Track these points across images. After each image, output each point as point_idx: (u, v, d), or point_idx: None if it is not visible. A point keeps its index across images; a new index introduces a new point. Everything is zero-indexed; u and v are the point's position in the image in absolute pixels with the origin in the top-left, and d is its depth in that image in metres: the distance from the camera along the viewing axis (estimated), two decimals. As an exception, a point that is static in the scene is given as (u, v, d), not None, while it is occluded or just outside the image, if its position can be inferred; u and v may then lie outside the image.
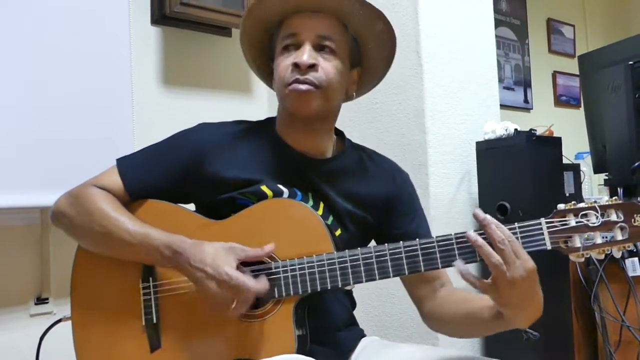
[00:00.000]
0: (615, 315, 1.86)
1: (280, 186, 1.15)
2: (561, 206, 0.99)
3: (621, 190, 1.82)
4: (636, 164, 1.80)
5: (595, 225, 0.97)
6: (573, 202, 0.99)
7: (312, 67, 1.09)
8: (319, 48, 1.12)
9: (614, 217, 0.97)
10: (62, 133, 1.74)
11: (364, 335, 1.30)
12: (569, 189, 2.07)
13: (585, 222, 0.97)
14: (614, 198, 1.00)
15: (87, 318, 1.13)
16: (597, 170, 2.14)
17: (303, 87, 1.09)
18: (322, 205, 1.18)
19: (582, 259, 0.99)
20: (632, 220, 0.97)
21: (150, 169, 1.16)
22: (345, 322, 1.25)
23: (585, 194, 2.43)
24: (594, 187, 2.67)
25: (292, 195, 1.15)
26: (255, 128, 1.23)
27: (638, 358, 1.81)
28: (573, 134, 2.58)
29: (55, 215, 1.16)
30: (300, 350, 1.04)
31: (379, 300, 2.09)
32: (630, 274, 1.79)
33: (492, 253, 0.94)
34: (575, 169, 2.10)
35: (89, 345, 1.13)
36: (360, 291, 1.35)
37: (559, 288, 1.92)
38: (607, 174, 1.98)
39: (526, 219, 1.01)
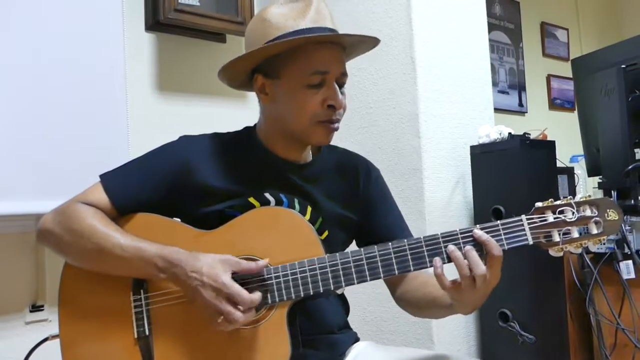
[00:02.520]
0: (610, 318, 1.86)
1: (267, 195, 1.17)
2: (539, 204, 1.05)
3: (615, 193, 1.82)
4: (630, 166, 1.81)
5: (572, 220, 1.03)
6: (550, 200, 1.05)
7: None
8: (340, 85, 1.16)
9: (588, 212, 1.04)
10: (56, 140, 1.73)
11: (357, 339, 1.30)
12: (563, 192, 2.07)
13: (563, 217, 1.04)
14: (588, 195, 1.07)
15: (76, 334, 1.11)
16: (591, 173, 2.15)
17: (335, 126, 1.16)
18: (309, 209, 1.19)
19: (561, 253, 1.05)
20: (606, 214, 1.04)
21: (136, 184, 1.15)
22: (339, 326, 1.25)
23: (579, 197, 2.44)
24: (588, 190, 2.68)
25: (279, 204, 1.17)
26: (237, 138, 1.23)
27: (633, 361, 1.81)
28: (567, 137, 2.59)
29: (42, 234, 1.14)
30: (293, 356, 1.04)
31: (374, 305, 2.09)
32: (625, 277, 1.79)
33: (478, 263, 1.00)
34: (569, 172, 2.11)
35: None
36: (355, 296, 1.36)
37: (555, 291, 1.93)
38: (601, 177, 1.98)
39: None
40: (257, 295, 1.01)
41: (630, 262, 1.79)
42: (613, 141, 1.89)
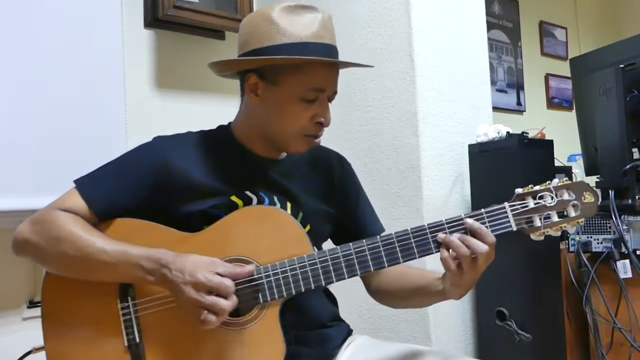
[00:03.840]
0: (607, 317, 1.87)
1: (248, 193, 1.17)
2: (519, 190, 1.09)
3: (613, 192, 1.83)
4: (627, 166, 1.82)
5: (552, 205, 1.07)
6: (530, 185, 1.09)
7: None
8: (329, 101, 1.17)
9: (566, 197, 1.07)
10: (54, 136, 1.73)
11: (350, 330, 1.30)
12: (561, 191, 2.07)
13: (543, 202, 1.07)
14: (564, 179, 1.11)
15: (63, 346, 1.08)
16: (588, 172, 2.15)
17: (319, 140, 1.19)
18: (289, 205, 1.20)
19: (542, 237, 1.07)
20: (582, 197, 1.07)
21: (114, 188, 1.13)
22: (330, 318, 1.25)
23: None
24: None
25: (260, 202, 1.17)
26: (213, 136, 1.23)
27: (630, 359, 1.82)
28: (566, 137, 2.59)
29: (19, 244, 1.11)
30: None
31: (372, 303, 2.08)
32: (622, 276, 1.80)
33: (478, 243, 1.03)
34: (567, 171, 2.11)
35: None
36: (352, 293, 1.36)
37: (552, 290, 1.93)
38: (598, 176, 1.99)
39: None
40: (244, 270, 1.03)
41: (627, 261, 1.80)
42: (611, 141, 1.89)
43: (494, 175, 1.92)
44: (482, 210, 1.07)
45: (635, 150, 1.87)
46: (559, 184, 1.08)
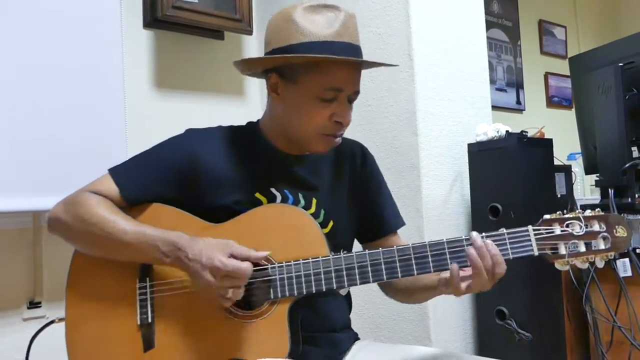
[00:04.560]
0: (607, 316, 1.87)
1: (273, 190, 1.18)
2: (547, 216, 1.05)
3: (612, 191, 1.83)
4: (627, 164, 1.82)
5: (580, 234, 1.04)
6: (559, 212, 1.06)
7: None
8: (350, 101, 1.17)
9: (597, 227, 1.04)
10: (54, 137, 1.73)
11: (357, 338, 1.31)
12: (560, 190, 2.08)
13: (570, 230, 1.03)
14: (597, 210, 1.07)
15: (81, 317, 1.13)
16: (588, 171, 2.15)
17: (338, 140, 1.19)
18: (314, 201, 1.21)
19: (567, 267, 1.04)
20: (614, 230, 1.03)
21: (145, 177, 1.17)
22: (342, 325, 1.26)
23: (577, 195, 2.45)
24: (586, 188, 2.69)
25: (284, 199, 1.18)
26: (242, 132, 1.25)
27: (630, 358, 1.82)
28: (565, 135, 2.60)
29: (52, 222, 1.16)
30: (293, 351, 1.05)
31: (372, 303, 2.09)
32: (622, 274, 1.80)
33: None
34: (566, 170, 2.11)
35: (81, 344, 1.13)
36: (353, 293, 1.36)
37: (552, 289, 1.93)
38: (598, 174, 1.99)
39: (518, 220, 1.07)
40: (260, 254, 1.05)
41: (627, 260, 1.80)
42: (610, 139, 1.89)
43: (494, 174, 1.92)
44: (504, 230, 1.05)
45: (634, 148, 1.87)
46: (590, 214, 1.05)
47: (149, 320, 1.10)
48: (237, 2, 2.25)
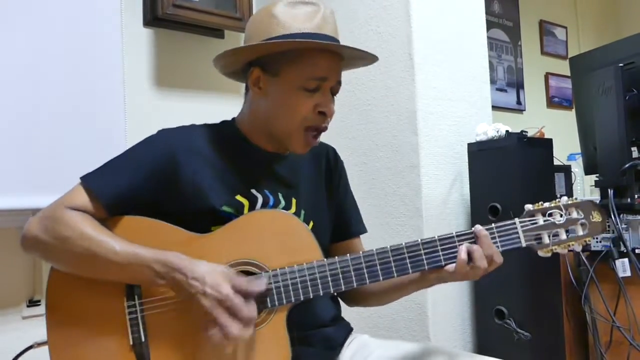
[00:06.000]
0: (605, 316, 1.87)
1: (253, 191, 1.17)
2: (529, 206, 1.11)
3: (612, 191, 1.83)
4: (626, 165, 1.81)
5: (561, 222, 1.10)
6: (540, 202, 1.11)
7: None
8: (334, 93, 1.17)
9: (575, 215, 1.10)
10: (54, 135, 1.73)
11: (351, 329, 1.31)
12: (560, 190, 2.08)
13: (552, 220, 1.10)
14: (574, 197, 1.14)
15: (66, 342, 1.07)
16: (588, 171, 2.15)
17: (318, 139, 1.18)
18: (294, 201, 1.21)
19: (549, 254, 1.10)
20: (590, 216, 1.11)
21: (122, 181, 1.11)
22: (331, 318, 1.25)
23: (577, 195, 2.44)
24: (585, 189, 2.68)
25: (265, 201, 1.17)
26: (219, 131, 1.22)
27: (628, 358, 1.82)
28: (566, 136, 2.59)
29: (28, 241, 1.09)
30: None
31: (371, 302, 2.09)
32: (621, 274, 1.80)
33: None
34: (566, 170, 2.11)
35: None
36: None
37: (551, 289, 1.93)
38: (597, 175, 1.99)
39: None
40: (255, 312, 1.00)
41: (626, 260, 1.80)
42: (610, 139, 1.89)
43: (493, 174, 1.92)
44: (493, 225, 1.09)
45: (634, 149, 1.87)
46: (569, 202, 1.11)
47: (142, 339, 1.05)
48: (238, 1, 2.26)
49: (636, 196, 1.83)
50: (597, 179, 1.98)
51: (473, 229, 1.09)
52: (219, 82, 2.31)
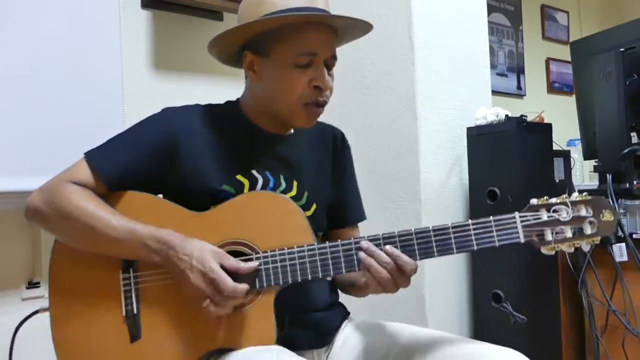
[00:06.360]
0: (602, 301, 1.88)
1: (254, 172, 1.17)
2: (534, 201, 1.04)
3: (610, 176, 1.83)
4: (625, 150, 1.81)
5: (566, 219, 1.02)
6: (545, 197, 1.04)
7: None
8: (328, 67, 1.15)
9: (583, 212, 1.02)
10: (52, 117, 1.73)
11: (348, 313, 1.31)
12: (559, 175, 2.08)
13: (557, 216, 1.02)
14: (584, 194, 1.05)
15: (66, 311, 1.11)
16: (587, 156, 2.15)
17: (320, 110, 1.16)
18: (295, 183, 1.20)
19: (553, 252, 1.02)
20: (600, 215, 1.03)
21: (124, 159, 1.12)
22: (328, 303, 1.26)
23: (576, 180, 2.45)
24: (585, 174, 2.69)
25: (265, 182, 1.17)
26: (222, 112, 1.22)
27: (624, 342, 1.83)
28: (566, 121, 2.59)
29: (31, 212, 1.12)
30: (279, 338, 1.06)
31: (369, 285, 2.10)
32: (618, 259, 1.80)
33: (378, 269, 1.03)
34: (565, 155, 2.11)
35: (67, 338, 1.11)
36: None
37: (548, 273, 1.94)
38: (596, 160, 1.99)
39: (515, 205, 1.06)
40: (242, 286, 1.01)
41: (623, 244, 1.80)
42: (609, 125, 1.89)
43: (492, 159, 1.92)
44: (491, 218, 1.02)
45: (633, 134, 1.87)
46: (577, 199, 1.03)
47: (135, 311, 1.08)
48: (237, -17, 2.23)
49: (635, 181, 1.84)
50: (596, 164, 1.98)
51: (360, 243, 1.04)
52: (217, 65, 2.28)
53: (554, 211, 1.03)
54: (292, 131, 1.25)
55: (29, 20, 1.70)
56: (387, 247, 1.03)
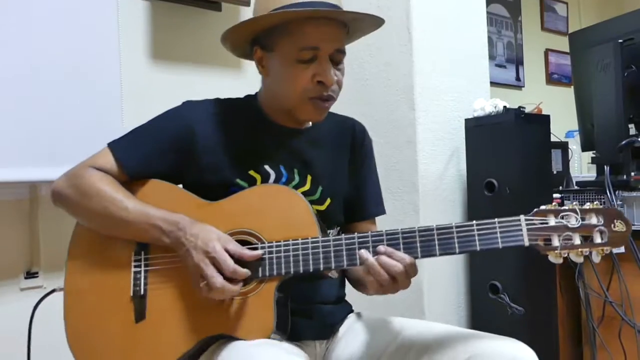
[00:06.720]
0: (599, 292, 1.89)
1: (267, 167, 1.18)
2: (542, 207, 1.01)
3: (608, 168, 1.83)
4: (623, 142, 1.81)
5: (575, 227, 0.99)
6: (555, 204, 1.02)
7: None
8: (335, 62, 1.15)
9: (594, 221, 1.00)
10: (50, 108, 1.72)
11: (352, 311, 1.32)
12: (556, 166, 2.08)
13: (565, 222, 1.00)
14: (595, 202, 1.02)
15: (79, 287, 1.16)
16: (585, 148, 2.15)
17: (326, 104, 1.16)
18: (309, 178, 1.21)
19: (560, 259, 1.00)
20: (612, 225, 0.99)
21: (145, 151, 1.17)
22: (335, 297, 1.27)
23: (574, 172, 2.45)
24: (583, 165, 2.69)
25: (278, 177, 1.19)
26: (240, 105, 1.24)
27: (620, 333, 1.84)
28: (564, 112, 2.59)
29: (55, 195, 1.18)
30: (279, 329, 1.07)
31: (367, 276, 2.11)
32: (615, 251, 1.80)
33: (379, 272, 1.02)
34: (563, 147, 2.11)
35: (77, 314, 1.15)
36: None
37: (545, 265, 1.94)
38: (594, 152, 1.99)
39: (513, 196, 1.04)
40: (243, 270, 1.03)
41: (620, 236, 1.81)
42: (607, 116, 1.89)
43: (490, 150, 1.92)
44: (496, 220, 1.00)
45: (631, 126, 1.87)
46: (588, 207, 1.01)
47: (142, 292, 1.12)
48: (235, -27, 2.23)
49: (632, 173, 1.84)
50: (593, 155, 1.98)
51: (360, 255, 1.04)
52: (215, 55, 2.30)
53: (562, 217, 1.00)
54: (310, 124, 1.25)
55: (27, 9, 1.70)
56: (381, 247, 1.02)
